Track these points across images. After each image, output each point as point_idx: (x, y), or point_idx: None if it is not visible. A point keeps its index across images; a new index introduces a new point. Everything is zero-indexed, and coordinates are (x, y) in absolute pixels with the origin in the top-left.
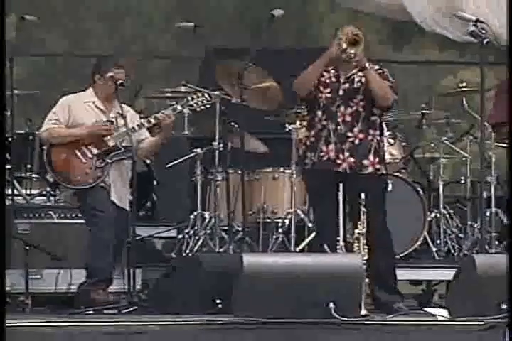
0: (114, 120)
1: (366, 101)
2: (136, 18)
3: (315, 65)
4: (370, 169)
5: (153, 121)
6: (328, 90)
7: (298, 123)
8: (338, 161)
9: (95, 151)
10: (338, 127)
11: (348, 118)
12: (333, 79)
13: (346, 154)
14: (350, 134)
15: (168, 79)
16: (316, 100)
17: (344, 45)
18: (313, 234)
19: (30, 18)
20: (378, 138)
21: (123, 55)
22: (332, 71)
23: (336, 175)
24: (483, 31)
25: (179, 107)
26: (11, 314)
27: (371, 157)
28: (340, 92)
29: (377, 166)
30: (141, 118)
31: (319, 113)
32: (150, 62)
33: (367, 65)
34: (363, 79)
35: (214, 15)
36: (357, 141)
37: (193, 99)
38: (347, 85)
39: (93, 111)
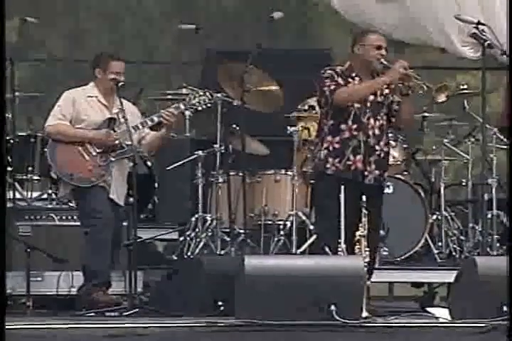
0: (116, 116)
1: (387, 116)
2: (137, 20)
3: (370, 86)
4: (382, 180)
5: (156, 119)
6: None
7: (300, 125)
8: (366, 173)
9: (99, 149)
10: (369, 139)
11: (377, 131)
12: None
13: (373, 166)
14: (377, 147)
15: (169, 81)
16: (345, 108)
17: (433, 89)
18: (314, 236)
19: (31, 19)
20: (389, 151)
21: (123, 56)
22: (357, 80)
23: (359, 185)
24: (485, 33)
25: (182, 106)
26: (12, 316)
27: (386, 169)
28: (368, 104)
29: (385, 175)
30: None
31: (349, 122)
32: (151, 65)
33: (410, 92)
34: (384, 92)
35: (215, 17)
36: (382, 154)
37: (195, 97)
38: (372, 97)
39: (96, 106)
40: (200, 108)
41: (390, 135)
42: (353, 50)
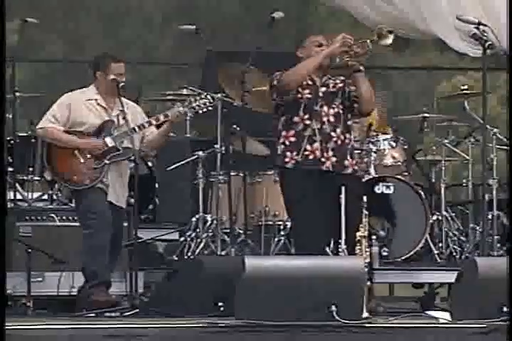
0: (115, 119)
1: (344, 105)
2: (137, 21)
3: (313, 59)
4: (350, 170)
5: (162, 118)
6: (308, 91)
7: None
8: (323, 159)
9: (90, 155)
10: (323, 126)
11: (331, 119)
12: (310, 82)
13: (330, 153)
14: (333, 134)
15: (169, 82)
16: (294, 101)
17: (375, 38)
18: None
19: (31, 20)
20: (352, 142)
21: (124, 58)
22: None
23: (320, 175)
24: (485, 34)
25: (182, 109)
26: (12, 317)
27: (349, 158)
28: (320, 94)
29: (355, 167)
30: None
31: (301, 113)
32: (151, 65)
33: (361, 67)
34: (338, 86)
35: (215, 18)
36: (339, 142)
37: (196, 100)
38: (324, 89)
39: (95, 108)
40: (200, 111)
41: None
42: (297, 54)
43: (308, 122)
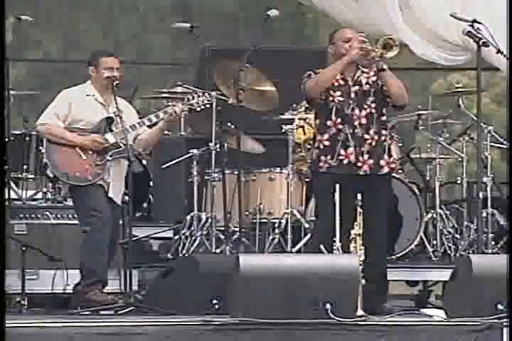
0: (113, 115)
1: (377, 103)
2: (131, 19)
3: (333, 68)
4: (386, 169)
5: (161, 115)
6: (339, 93)
7: (295, 123)
8: (359, 164)
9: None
10: (355, 130)
11: (363, 121)
12: (342, 82)
13: (365, 156)
14: (367, 136)
15: (164, 79)
16: (326, 104)
17: (380, 51)
18: (309, 235)
19: (26, 18)
20: (388, 137)
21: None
22: (338, 74)
23: (356, 178)
24: (480, 31)
25: (181, 106)
26: (7, 315)
27: (386, 157)
28: (352, 95)
29: (392, 165)
30: (140, 118)
31: (333, 117)
32: (147, 64)
33: (385, 66)
34: (370, 80)
35: (210, 16)
36: (374, 143)
37: (193, 97)
38: (357, 87)
39: (94, 105)
40: (198, 109)
41: (383, 119)
42: (329, 51)
43: (340, 126)
